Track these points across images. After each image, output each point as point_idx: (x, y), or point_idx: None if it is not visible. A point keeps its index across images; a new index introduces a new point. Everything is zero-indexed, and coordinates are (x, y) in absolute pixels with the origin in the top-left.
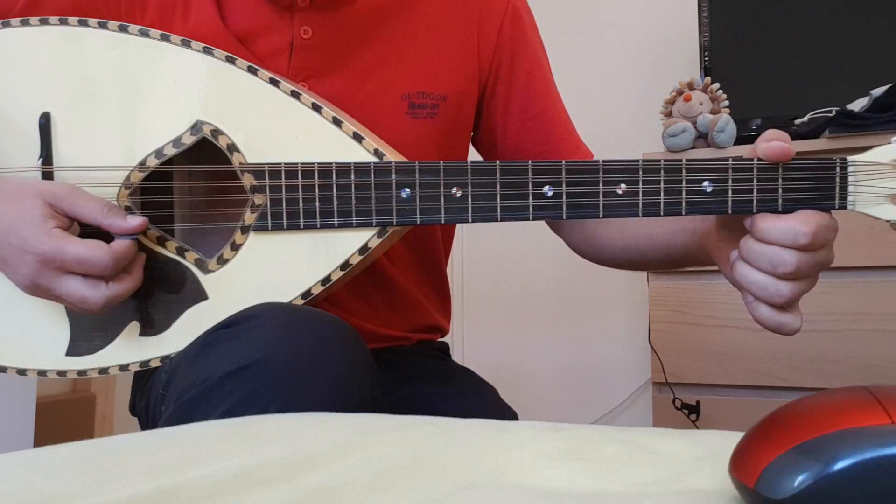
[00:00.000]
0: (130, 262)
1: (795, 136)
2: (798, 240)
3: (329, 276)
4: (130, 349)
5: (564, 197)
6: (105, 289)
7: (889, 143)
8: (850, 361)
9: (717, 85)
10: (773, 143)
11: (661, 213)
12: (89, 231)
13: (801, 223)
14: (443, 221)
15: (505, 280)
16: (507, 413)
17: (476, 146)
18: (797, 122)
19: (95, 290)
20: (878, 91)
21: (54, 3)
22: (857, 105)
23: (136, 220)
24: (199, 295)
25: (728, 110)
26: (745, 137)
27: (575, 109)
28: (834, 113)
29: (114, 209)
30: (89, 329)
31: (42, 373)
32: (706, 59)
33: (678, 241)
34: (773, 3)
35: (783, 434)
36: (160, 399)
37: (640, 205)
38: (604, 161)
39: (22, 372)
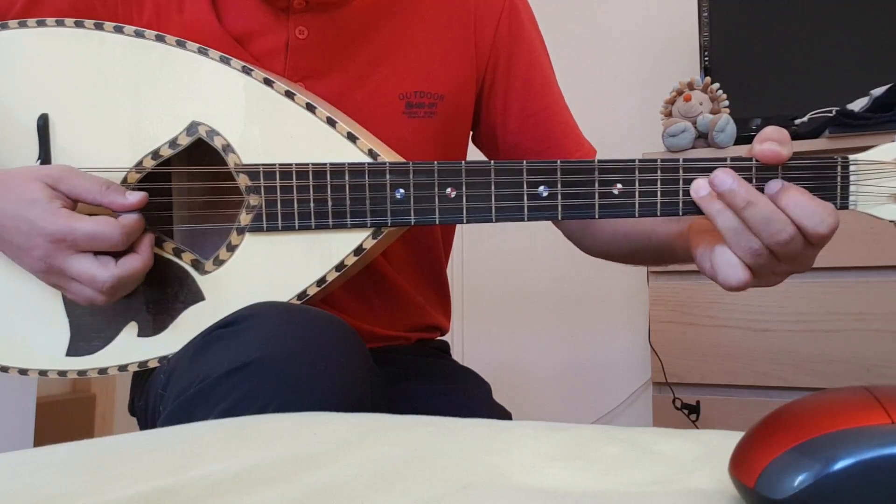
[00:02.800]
0: (138, 243)
1: (795, 136)
2: (818, 229)
3: (324, 277)
4: (129, 350)
5: (560, 197)
6: (114, 268)
7: (892, 141)
8: (850, 361)
9: (717, 85)
10: (765, 145)
11: (658, 214)
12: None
13: (830, 214)
14: (437, 222)
15: (505, 280)
16: (499, 412)
17: (477, 144)
18: (797, 122)
19: (105, 270)
20: (878, 91)
21: (53, 3)
22: (857, 105)
23: (135, 196)
24: (196, 296)
25: (728, 110)
26: (745, 137)
27: (575, 109)
28: (834, 113)
29: (112, 186)
30: (89, 330)
31: (43, 373)
32: (706, 59)
33: (661, 229)
34: (773, 3)
35: (783, 434)
36: (159, 399)
37: (637, 205)
38: (599, 161)
39: (23, 372)
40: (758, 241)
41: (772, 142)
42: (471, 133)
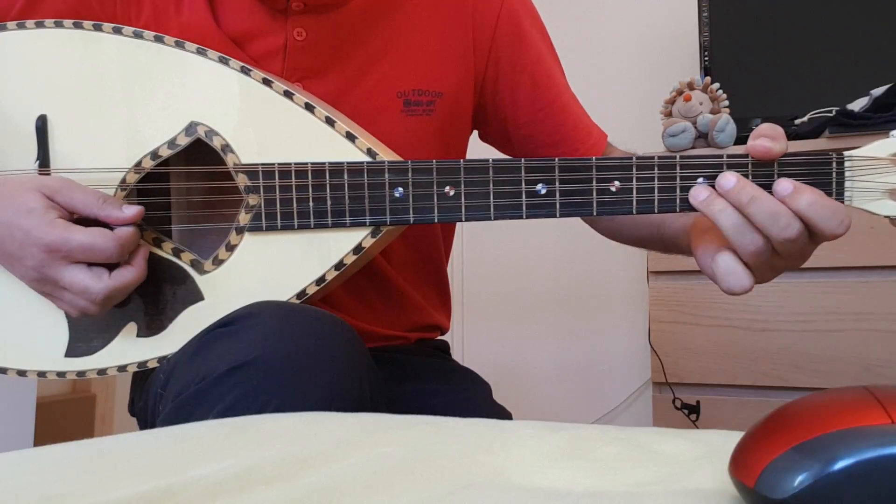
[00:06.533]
0: (133, 255)
1: (795, 136)
2: (837, 230)
3: (324, 276)
4: (128, 350)
5: (558, 195)
6: (108, 279)
7: (888, 136)
8: (850, 361)
9: (717, 85)
10: (758, 141)
11: (656, 211)
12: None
13: (847, 214)
14: (436, 220)
15: (505, 280)
16: (500, 412)
17: (488, 141)
18: (797, 122)
19: (98, 281)
20: (878, 91)
21: (51, 5)
22: (857, 105)
23: (131, 210)
24: (196, 296)
25: (728, 110)
26: (745, 137)
27: None
28: (834, 113)
29: (109, 200)
30: (88, 330)
31: (42, 374)
32: (706, 59)
33: (670, 221)
34: (773, 3)
35: (783, 434)
36: (158, 399)
37: (634, 202)
38: (597, 158)
39: (22, 373)
40: (761, 239)
41: (764, 138)
42: (476, 131)
